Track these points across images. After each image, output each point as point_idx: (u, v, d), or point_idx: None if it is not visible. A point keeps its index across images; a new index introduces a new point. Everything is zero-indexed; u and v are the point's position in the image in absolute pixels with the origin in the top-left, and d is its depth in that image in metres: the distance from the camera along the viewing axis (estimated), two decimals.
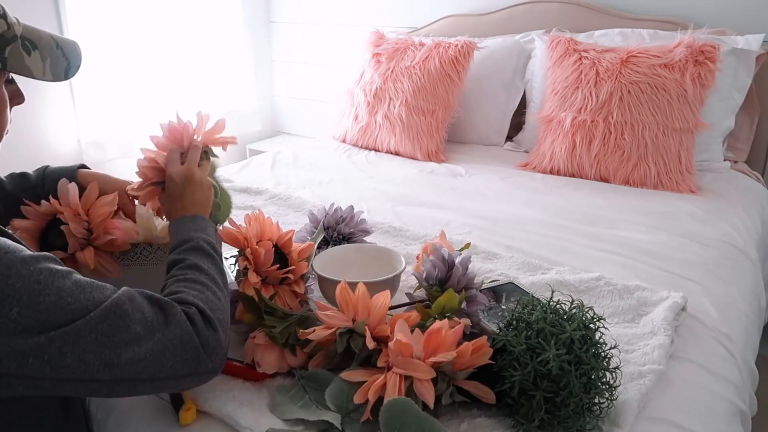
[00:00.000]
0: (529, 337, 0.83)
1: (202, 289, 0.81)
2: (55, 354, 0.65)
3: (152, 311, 0.73)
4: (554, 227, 1.56)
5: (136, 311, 0.71)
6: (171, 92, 2.69)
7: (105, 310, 0.68)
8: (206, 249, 0.88)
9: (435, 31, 2.50)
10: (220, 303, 0.81)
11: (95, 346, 0.67)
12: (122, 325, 0.69)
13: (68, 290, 0.67)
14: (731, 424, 0.98)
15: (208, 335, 0.76)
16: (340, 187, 1.93)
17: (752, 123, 2.03)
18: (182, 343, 0.73)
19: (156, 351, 0.71)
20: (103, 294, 0.70)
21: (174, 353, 0.72)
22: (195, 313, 0.76)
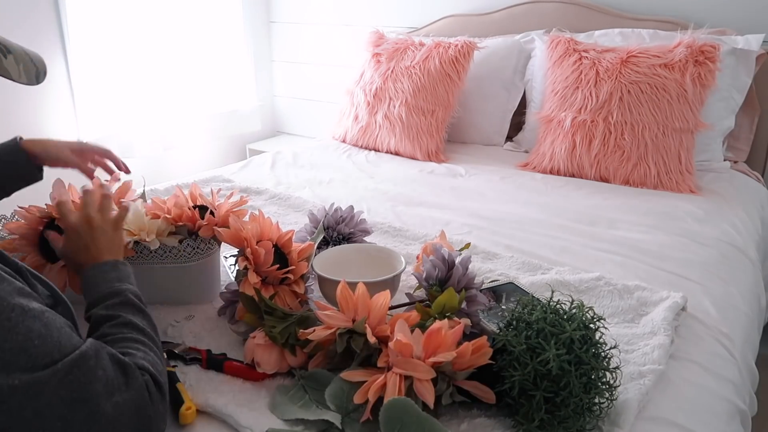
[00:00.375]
0: (529, 337, 0.83)
1: (146, 351, 0.78)
2: (15, 405, 0.62)
3: (114, 371, 0.70)
4: (554, 227, 1.56)
5: (98, 368, 0.68)
6: (171, 92, 2.69)
7: (71, 363, 0.66)
8: (137, 304, 0.85)
9: (435, 31, 2.50)
10: (161, 366, 0.79)
11: (56, 400, 0.64)
12: (84, 382, 0.67)
13: (36, 332, 0.65)
14: (731, 424, 0.98)
15: (159, 405, 0.75)
16: (340, 187, 1.93)
17: (752, 123, 2.03)
18: (137, 411, 0.71)
19: (111, 415, 0.68)
20: (71, 343, 0.68)
21: (129, 419, 0.70)
22: (149, 380, 0.74)
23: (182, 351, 1.00)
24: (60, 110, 2.35)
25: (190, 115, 2.77)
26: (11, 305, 0.64)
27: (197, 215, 1.12)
